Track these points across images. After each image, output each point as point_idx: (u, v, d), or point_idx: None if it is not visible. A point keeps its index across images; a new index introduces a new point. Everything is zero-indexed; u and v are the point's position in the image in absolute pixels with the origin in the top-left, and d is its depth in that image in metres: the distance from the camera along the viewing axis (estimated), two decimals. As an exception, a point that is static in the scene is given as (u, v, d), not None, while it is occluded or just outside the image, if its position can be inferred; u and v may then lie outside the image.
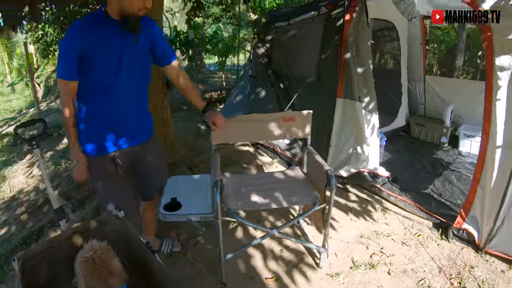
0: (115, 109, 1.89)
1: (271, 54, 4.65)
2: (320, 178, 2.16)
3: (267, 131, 2.43)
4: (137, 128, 2.03)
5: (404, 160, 3.99)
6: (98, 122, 1.89)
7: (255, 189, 2.30)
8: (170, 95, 5.32)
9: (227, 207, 2.10)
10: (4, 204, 4.26)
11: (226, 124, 2.28)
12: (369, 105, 3.30)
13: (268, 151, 4.37)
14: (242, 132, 2.47)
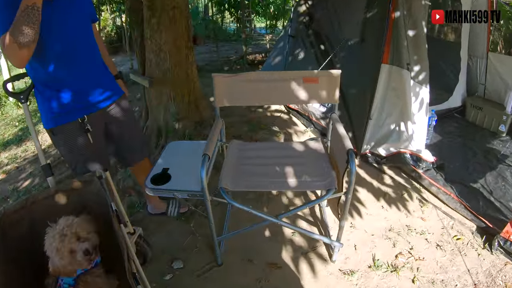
0: (71, 70, 1.70)
1: (313, 12, 4.21)
2: (340, 158, 1.75)
3: (284, 93, 2.08)
4: (102, 87, 1.84)
5: (454, 146, 3.47)
6: (54, 88, 1.71)
7: (263, 163, 1.98)
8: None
9: (220, 184, 1.78)
10: (33, 157, 4.39)
11: (233, 82, 1.97)
12: (419, 75, 2.83)
13: (302, 118, 4.02)
14: (252, 93, 2.13)
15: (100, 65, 1.86)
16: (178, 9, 3.11)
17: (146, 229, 2.34)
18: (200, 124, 3.62)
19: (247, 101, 2.26)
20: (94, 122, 1.81)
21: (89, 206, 1.60)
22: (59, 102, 1.71)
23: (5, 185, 3.73)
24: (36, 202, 1.55)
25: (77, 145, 1.81)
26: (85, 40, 1.75)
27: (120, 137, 2.03)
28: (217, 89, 2.15)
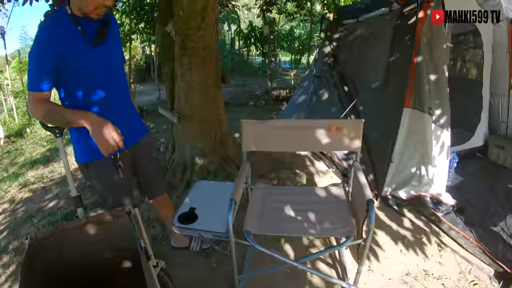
0: (107, 111, 1.78)
1: (337, 53, 4.33)
2: (361, 206, 1.81)
3: (309, 140, 2.15)
4: (132, 125, 1.98)
5: (476, 187, 3.38)
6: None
7: (286, 208, 2.04)
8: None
9: (244, 227, 1.86)
10: (60, 178, 4.53)
11: (261, 129, 2.06)
12: (440, 118, 2.87)
13: (325, 159, 4.05)
14: (279, 139, 2.22)
15: (131, 105, 1.99)
16: (208, 49, 3.25)
17: (168, 262, 2.36)
18: (224, 160, 3.70)
19: (274, 147, 2.34)
20: (124, 159, 1.89)
21: (116, 239, 1.65)
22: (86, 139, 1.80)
23: (31, 203, 3.86)
24: (65, 230, 1.60)
25: (109, 180, 1.90)
26: (120, 82, 1.89)
27: (143, 171, 2.13)
28: (245, 134, 2.25)
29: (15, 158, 5.91)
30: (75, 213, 3.29)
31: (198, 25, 3.11)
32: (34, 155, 5.87)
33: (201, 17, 3.10)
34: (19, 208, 3.83)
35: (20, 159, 5.79)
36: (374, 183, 3.16)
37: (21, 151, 6.29)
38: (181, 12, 3.07)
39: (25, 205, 3.88)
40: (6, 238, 3.18)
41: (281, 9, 10.54)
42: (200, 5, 3.05)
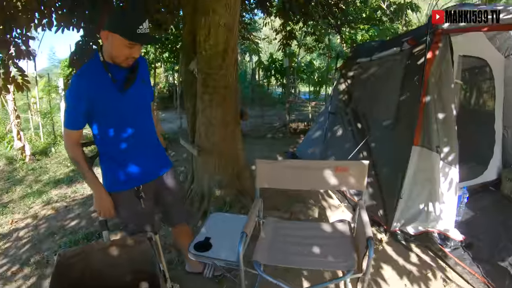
0: (131, 138, 1.98)
1: (351, 91, 4.47)
2: (362, 243, 1.94)
3: (317, 179, 2.31)
4: (157, 159, 2.15)
5: (486, 222, 3.39)
6: (119, 160, 2.00)
7: (293, 241, 2.20)
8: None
9: (254, 257, 2.01)
10: (82, 199, 4.70)
11: (274, 168, 2.24)
12: (448, 156, 2.96)
13: (337, 193, 4.14)
14: (290, 178, 2.39)
15: (156, 141, 2.17)
16: (228, 88, 3.44)
17: (182, 286, 2.51)
18: (241, 192, 3.81)
19: (285, 185, 2.50)
20: (147, 190, 2.08)
21: (137, 262, 1.83)
22: (122, 172, 2.00)
23: (53, 220, 4.03)
24: (92, 251, 1.80)
25: (132, 209, 2.06)
26: (147, 119, 2.07)
27: (164, 202, 2.27)
28: (259, 172, 2.42)
29: (39, 175, 6.08)
30: (96, 233, 3.47)
31: (219, 65, 3.32)
32: (58, 175, 6.03)
33: (222, 57, 3.30)
34: (42, 224, 4.00)
35: (44, 177, 5.95)
36: (384, 218, 3.24)
37: (46, 169, 6.45)
38: (203, 52, 3.28)
39: (48, 222, 4.04)
40: (28, 252, 3.34)
41: (300, 43, 10.79)
42: (222, 46, 3.25)
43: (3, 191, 5.33)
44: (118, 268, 1.84)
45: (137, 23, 1.73)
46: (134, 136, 1.98)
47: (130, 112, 1.94)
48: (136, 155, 2.02)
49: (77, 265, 1.76)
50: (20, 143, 7.02)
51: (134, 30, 1.72)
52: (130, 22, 1.73)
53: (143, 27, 1.75)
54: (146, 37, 1.79)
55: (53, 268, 1.64)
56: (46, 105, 10.86)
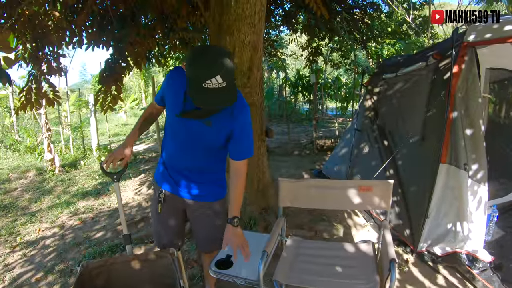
0: (175, 153, 2.00)
1: (377, 107, 4.42)
2: (385, 264, 1.88)
3: (341, 199, 2.29)
4: (190, 184, 2.05)
5: None
6: (162, 157, 2.09)
7: (315, 261, 2.17)
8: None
9: (274, 277, 1.99)
10: (109, 211, 4.78)
11: (297, 187, 2.22)
12: (477, 173, 2.85)
13: (363, 212, 4.07)
14: (313, 197, 2.38)
15: (212, 174, 2.08)
16: (254, 105, 3.44)
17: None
18: (265, 210, 3.82)
19: (309, 204, 2.49)
20: (169, 200, 2.09)
21: (158, 276, 1.85)
22: (158, 166, 2.13)
23: (79, 231, 4.11)
24: (115, 264, 1.83)
25: (154, 206, 2.14)
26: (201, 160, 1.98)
27: (193, 227, 2.25)
28: (282, 191, 2.42)
29: (68, 187, 6.22)
30: (121, 246, 3.52)
31: (244, 83, 3.35)
32: (86, 187, 6.16)
33: (247, 76, 3.32)
34: (68, 234, 4.10)
35: (73, 189, 6.09)
36: (410, 238, 3.16)
37: (74, 181, 6.60)
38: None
39: (74, 232, 4.13)
40: (53, 260, 3.43)
41: (326, 59, 10.80)
42: (247, 65, 3.28)
43: (32, 201, 5.48)
44: (140, 281, 1.87)
45: (206, 74, 1.49)
46: (176, 155, 2.01)
47: (182, 135, 1.90)
48: (171, 164, 2.05)
49: (100, 276, 1.79)
50: (50, 155, 7.20)
51: (200, 83, 1.51)
52: (198, 71, 1.52)
53: (214, 82, 1.50)
54: (212, 97, 1.54)
55: (76, 278, 1.67)
56: (76, 119, 11.19)
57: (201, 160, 1.98)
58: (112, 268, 1.83)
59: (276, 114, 14.29)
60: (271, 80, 17.08)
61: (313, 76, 8.47)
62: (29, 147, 9.26)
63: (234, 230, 1.93)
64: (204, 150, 1.94)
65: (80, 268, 1.72)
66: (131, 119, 17.02)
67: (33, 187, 6.30)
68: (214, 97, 1.54)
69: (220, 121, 1.79)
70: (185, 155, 1.97)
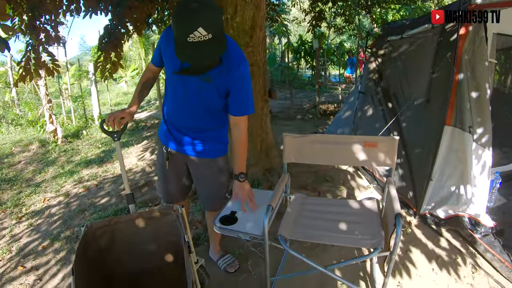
0: (175, 112, 2.02)
1: (382, 70, 4.33)
2: (390, 220, 1.87)
3: (345, 155, 2.26)
4: (191, 141, 2.06)
5: None
6: (165, 114, 2.09)
7: (320, 217, 2.16)
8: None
9: (279, 232, 1.98)
10: (112, 178, 4.83)
11: (301, 142, 2.18)
12: (482, 137, 2.81)
13: (367, 174, 4.07)
14: (317, 153, 2.34)
15: (213, 129, 2.06)
16: (256, 65, 3.40)
17: (207, 261, 2.52)
18: (269, 171, 3.82)
19: (313, 160, 2.45)
20: (175, 158, 2.12)
21: (164, 233, 1.84)
22: (162, 124, 2.14)
23: (84, 199, 4.16)
24: (119, 223, 1.82)
25: (160, 162, 2.18)
26: (200, 116, 1.96)
27: (197, 186, 2.26)
28: (286, 147, 2.40)
29: (71, 156, 6.28)
30: (125, 210, 3.55)
31: (247, 42, 3.30)
32: (89, 156, 6.22)
33: (249, 35, 3.27)
34: (73, 202, 4.16)
35: (76, 158, 6.15)
36: (414, 200, 3.16)
37: (77, 150, 6.66)
38: (231, 30, 3.24)
39: (79, 199, 4.18)
40: (59, 227, 3.48)
41: (330, 24, 10.61)
42: (249, 24, 3.22)
43: (36, 172, 5.52)
44: (144, 239, 1.87)
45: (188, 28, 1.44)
46: (176, 113, 2.02)
47: (181, 93, 1.90)
48: (172, 124, 2.06)
49: (104, 236, 1.80)
50: (52, 126, 7.25)
51: (185, 38, 1.46)
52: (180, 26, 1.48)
53: (197, 35, 1.45)
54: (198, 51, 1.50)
55: (80, 238, 1.66)
56: (77, 90, 11.14)
57: (200, 120, 1.98)
58: (116, 228, 1.83)
59: (278, 80, 14.13)
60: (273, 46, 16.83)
61: (316, 42, 8.34)
62: (31, 121, 9.32)
63: (241, 186, 2.08)
64: (204, 110, 1.94)
65: (84, 229, 1.72)
66: (132, 88, 17.01)
67: (36, 159, 6.35)
68: (200, 51, 1.50)
69: (219, 76, 1.76)
70: (185, 114, 1.97)
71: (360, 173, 4.19)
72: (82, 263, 1.57)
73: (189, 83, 1.82)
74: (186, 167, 2.19)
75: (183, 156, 2.11)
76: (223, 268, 2.55)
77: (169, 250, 1.88)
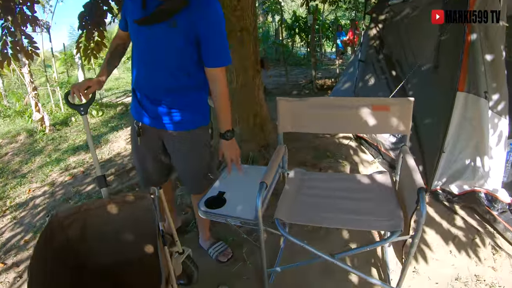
0: (143, 75, 1.78)
1: (383, 36, 4.06)
2: (409, 196, 1.57)
3: (351, 121, 1.94)
4: (167, 110, 1.81)
5: None
6: (133, 83, 1.86)
7: (323, 195, 1.84)
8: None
9: (276, 215, 1.67)
10: (100, 163, 4.57)
11: (298, 107, 1.89)
12: (498, 105, 2.56)
13: (370, 148, 3.80)
14: (318, 120, 2.01)
15: (182, 98, 1.81)
16: (246, 31, 3.17)
17: (196, 249, 2.28)
18: (264, 148, 3.59)
19: (313, 128, 2.16)
20: (148, 133, 1.89)
21: (140, 220, 1.60)
22: (132, 97, 1.91)
23: (70, 187, 4.01)
24: (89, 210, 1.60)
25: (133, 141, 1.99)
26: (163, 72, 1.73)
27: (177, 165, 2.02)
28: (281, 113, 2.08)
29: (58, 144, 6.12)
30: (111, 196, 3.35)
31: (234, 6, 3.05)
32: (77, 142, 6.07)
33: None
34: (58, 191, 3.98)
35: (63, 146, 5.99)
36: (423, 175, 2.87)
37: (65, 138, 6.51)
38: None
39: (64, 188, 4.01)
40: (42, 219, 3.34)
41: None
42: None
43: (22, 163, 5.40)
44: (119, 226, 1.65)
45: None
46: (146, 76, 1.78)
47: (145, 47, 1.70)
48: (143, 91, 1.82)
49: (73, 225, 1.58)
50: (39, 115, 7.07)
51: None
52: None
53: None
54: None
55: (44, 228, 1.46)
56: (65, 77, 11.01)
57: (173, 79, 1.74)
58: (87, 215, 1.61)
59: (272, 58, 13.86)
60: (266, 24, 16.50)
61: (311, 17, 8.13)
62: (18, 111, 9.20)
63: (228, 144, 1.86)
64: (176, 67, 1.71)
65: (49, 218, 1.51)
66: (124, 73, 16.95)
67: (24, 149, 6.23)
68: None
69: (186, 20, 1.57)
70: (155, 74, 1.73)
71: (364, 147, 3.94)
72: (44, 256, 1.38)
73: (155, 36, 1.62)
74: (162, 143, 1.94)
75: (157, 131, 1.87)
76: (215, 257, 2.28)
77: (149, 239, 1.63)
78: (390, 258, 2.17)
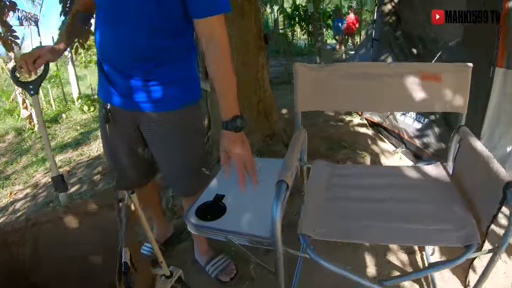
0: (111, 39, 1.34)
1: (399, 10, 3.67)
2: (484, 195, 1.11)
3: (390, 94, 1.47)
4: (142, 83, 1.37)
5: None
6: (99, 53, 1.45)
7: (361, 197, 1.34)
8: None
9: (300, 229, 1.13)
10: (87, 162, 4.45)
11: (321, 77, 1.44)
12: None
13: (390, 136, 3.40)
14: (345, 93, 1.53)
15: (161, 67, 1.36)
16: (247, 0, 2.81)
17: (193, 264, 1.87)
18: (270, 138, 3.20)
19: (340, 105, 1.69)
20: (119, 117, 1.48)
21: (108, 233, 1.16)
22: (102, 75, 1.46)
23: (52, 189, 3.66)
24: (37, 224, 1.26)
25: (102, 130, 1.59)
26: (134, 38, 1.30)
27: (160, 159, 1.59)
28: (299, 86, 1.56)
29: (46, 143, 5.92)
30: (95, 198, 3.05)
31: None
32: (66, 139, 5.97)
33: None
34: (41, 193, 3.79)
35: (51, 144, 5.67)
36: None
37: (54, 135, 6.36)
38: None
39: (47, 190, 3.80)
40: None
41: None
42: None
43: (7, 164, 5.36)
44: (82, 245, 1.25)
45: None
46: (113, 41, 1.34)
47: (116, 6, 1.27)
48: (111, 62, 1.40)
49: (21, 244, 1.24)
50: (27, 112, 7.01)
51: None
52: None
53: None
54: None
55: None
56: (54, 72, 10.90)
57: (149, 41, 1.29)
58: (38, 232, 1.23)
59: (272, 49, 13.50)
60: (265, 15, 16.21)
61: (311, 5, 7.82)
62: (8, 109, 9.13)
63: (235, 139, 1.26)
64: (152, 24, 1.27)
65: None
66: None
67: (10, 149, 6.20)
68: None
69: None
70: (125, 36, 1.29)
71: (382, 135, 3.53)
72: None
73: None
74: (138, 129, 1.50)
75: (130, 113, 1.44)
76: (214, 276, 1.79)
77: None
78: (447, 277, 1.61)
